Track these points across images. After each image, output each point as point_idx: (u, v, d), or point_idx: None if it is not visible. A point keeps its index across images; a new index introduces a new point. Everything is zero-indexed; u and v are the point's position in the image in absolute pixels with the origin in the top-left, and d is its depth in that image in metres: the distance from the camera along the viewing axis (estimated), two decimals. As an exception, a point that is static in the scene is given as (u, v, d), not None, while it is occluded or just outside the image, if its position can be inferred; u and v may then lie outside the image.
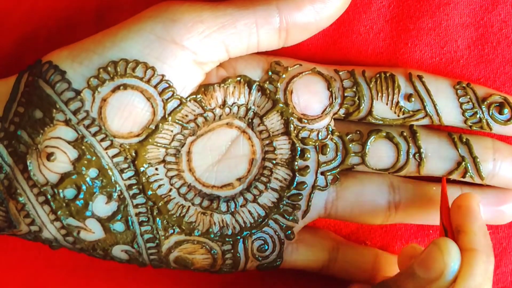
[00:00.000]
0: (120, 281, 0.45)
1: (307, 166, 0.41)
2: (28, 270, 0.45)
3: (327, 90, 0.40)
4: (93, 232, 0.39)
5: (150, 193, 0.39)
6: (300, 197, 0.41)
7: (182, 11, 0.37)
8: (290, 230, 0.41)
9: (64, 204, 0.38)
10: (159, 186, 0.39)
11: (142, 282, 0.45)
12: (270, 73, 0.40)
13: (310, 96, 0.40)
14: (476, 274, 0.36)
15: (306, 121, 0.40)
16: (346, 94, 0.40)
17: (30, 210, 0.39)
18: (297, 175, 0.40)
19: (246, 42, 0.38)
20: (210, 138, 0.40)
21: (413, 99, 0.40)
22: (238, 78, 0.39)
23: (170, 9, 0.37)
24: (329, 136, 0.41)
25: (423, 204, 0.42)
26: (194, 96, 0.39)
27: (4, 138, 0.38)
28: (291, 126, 0.40)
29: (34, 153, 0.38)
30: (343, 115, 0.41)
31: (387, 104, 0.41)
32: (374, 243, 0.44)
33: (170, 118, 0.38)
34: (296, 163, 0.40)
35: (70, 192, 0.38)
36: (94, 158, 0.38)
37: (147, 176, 0.39)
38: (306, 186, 0.41)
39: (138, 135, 0.38)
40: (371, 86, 0.40)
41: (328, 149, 0.41)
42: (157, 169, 0.39)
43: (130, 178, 0.39)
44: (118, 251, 0.40)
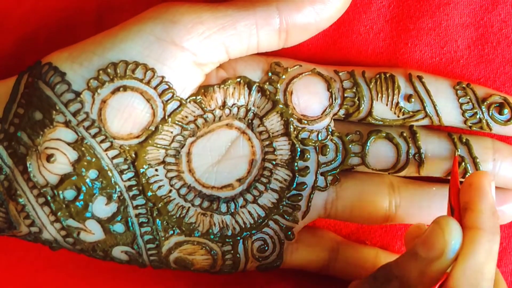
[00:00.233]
0: (120, 281, 0.45)
1: (307, 167, 0.41)
2: (28, 270, 0.45)
3: (327, 91, 0.40)
4: (93, 233, 0.39)
5: (150, 194, 0.39)
6: (300, 197, 0.41)
7: (182, 12, 0.37)
8: (290, 231, 0.41)
9: (64, 205, 0.38)
10: (159, 187, 0.39)
11: (142, 283, 0.45)
12: (270, 74, 0.40)
13: (310, 97, 0.40)
14: (477, 253, 0.35)
15: (306, 122, 0.40)
16: (346, 95, 0.40)
17: (30, 211, 0.39)
18: (297, 176, 0.40)
19: (246, 43, 0.38)
20: (210, 139, 0.40)
21: (413, 100, 0.40)
22: (238, 79, 0.39)
23: (170, 10, 0.37)
24: (329, 136, 0.41)
25: (423, 204, 0.42)
26: (194, 97, 0.38)
27: (4, 139, 0.38)
28: (291, 127, 0.40)
29: (34, 154, 0.38)
30: (343, 116, 0.41)
31: (387, 104, 0.41)
32: (374, 243, 0.44)
33: (170, 120, 0.38)
34: (296, 164, 0.40)
35: (70, 193, 0.38)
36: (94, 160, 0.38)
37: (147, 177, 0.39)
38: (306, 186, 0.41)
39: (138, 137, 0.38)
40: (371, 86, 0.40)
41: (328, 149, 0.41)
42: (157, 170, 0.39)
43: (130, 179, 0.39)
44: (118, 252, 0.40)
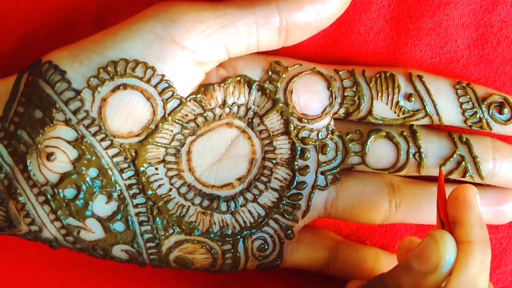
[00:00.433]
0: (120, 281, 0.45)
1: (307, 166, 0.41)
2: (28, 269, 0.45)
3: (327, 90, 0.40)
4: (93, 232, 0.39)
5: (150, 192, 0.39)
6: (300, 196, 0.41)
7: (182, 11, 0.37)
8: (290, 230, 0.41)
9: (64, 204, 0.38)
10: (159, 186, 0.39)
11: (142, 282, 0.45)
12: (270, 72, 0.40)
13: (310, 95, 0.40)
14: (471, 266, 0.35)
15: (306, 120, 0.40)
16: (346, 94, 0.40)
17: (30, 210, 0.38)
18: (297, 175, 0.40)
19: (246, 42, 0.38)
20: (210, 138, 0.40)
21: (413, 99, 0.40)
22: (238, 78, 0.39)
23: (170, 9, 0.37)
24: (329, 135, 0.41)
25: (423, 204, 0.42)
26: (194, 96, 0.38)
27: (4, 138, 0.38)
28: (291, 125, 0.40)
29: (34, 153, 0.38)
30: (343, 115, 0.41)
31: (387, 104, 0.41)
32: (374, 243, 0.44)
33: (170, 118, 0.38)
34: (296, 163, 0.40)
35: (70, 192, 0.38)
36: (94, 158, 0.38)
37: (147, 175, 0.39)
38: (306, 185, 0.41)
39: (138, 135, 0.38)
40: (371, 86, 0.40)
41: (328, 148, 0.41)
42: (157, 168, 0.39)
43: (130, 178, 0.39)
44: (118, 251, 0.40)
